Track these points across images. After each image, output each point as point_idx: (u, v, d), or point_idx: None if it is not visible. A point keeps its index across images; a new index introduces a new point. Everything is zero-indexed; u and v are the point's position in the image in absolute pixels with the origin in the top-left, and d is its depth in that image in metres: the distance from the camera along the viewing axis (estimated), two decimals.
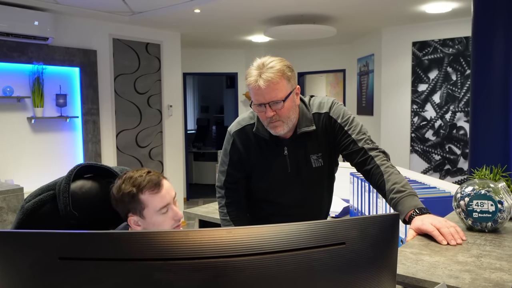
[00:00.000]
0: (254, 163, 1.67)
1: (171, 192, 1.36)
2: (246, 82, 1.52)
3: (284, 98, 1.49)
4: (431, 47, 5.23)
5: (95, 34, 4.81)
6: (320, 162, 1.64)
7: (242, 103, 7.45)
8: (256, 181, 1.71)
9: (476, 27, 3.33)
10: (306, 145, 1.62)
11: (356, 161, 1.56)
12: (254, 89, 1.49)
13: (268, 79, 1.45)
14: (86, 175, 1.45)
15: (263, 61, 1.51)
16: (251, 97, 1.54)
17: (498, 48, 3.24)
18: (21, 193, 3.52)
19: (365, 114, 6.19)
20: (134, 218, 1.33)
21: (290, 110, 1.53)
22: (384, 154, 1.56)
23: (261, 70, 1.48)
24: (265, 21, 5.05)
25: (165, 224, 1.33)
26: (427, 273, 0.98)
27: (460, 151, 5.14)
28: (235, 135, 1.67)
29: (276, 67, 1.48)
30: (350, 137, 1.57)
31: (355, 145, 1.56)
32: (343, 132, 1.59)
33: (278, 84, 1.47)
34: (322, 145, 1.63)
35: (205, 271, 0.57)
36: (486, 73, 3.29)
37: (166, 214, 1.33)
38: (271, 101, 1.48)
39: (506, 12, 3.21)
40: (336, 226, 0.64)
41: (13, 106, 4.18)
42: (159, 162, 5.57)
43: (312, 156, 1.63)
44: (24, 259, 0.58)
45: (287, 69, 1.50)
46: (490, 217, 1.24)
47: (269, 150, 1.64)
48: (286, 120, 1.53)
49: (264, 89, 1.46)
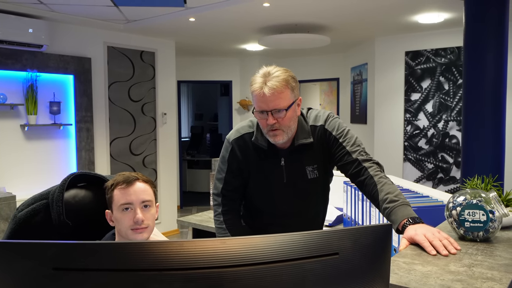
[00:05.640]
0: (251, 171, 1.68)
1: (140, 195, 1.36)
2: (251, 89, 1.54)
3: (286, 108, 1.51)
4: (423, 56, 5.28)
5: (89, 41, 4.81)
6: (316, 173, 1.66)
7: (236, 111, 7.47)
8: (253, 190, 1.72)
9: (468, 37, 3.37)
10: (303, 157, 1.64)
11: (350, 172, 1.58)
12: (258, 96, 1.51)
13: (273, 87, 1.48)
14: (79, 184, 1.44)
15: (268, 70, 1.53)
16: (254, 103, 1.55)
17: (489, 58, 3.28)
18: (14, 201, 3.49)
19: (359, 122, 6.22)
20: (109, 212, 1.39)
21: (291, 120, 1.55)
22: (378, 165, 1.57)
23: (266, 78, 1.50)
24: (259, 30, 5.09)
25: (123, 221, 1.35)
26: (420, 283, 0.99)
27: (453, 159, 5.18)
28: (234, 143, 1.68)
29: (281, 77, 1.50)
30: (345, 149, 1.59)
31: (349, 156, 1.58)
32: (337, 144, 1.61)
33: (282, 93, 1.49)
34: (318, 157, 1.65)
35: (199, 281, 0.58)
36: (477, 83, 3.33)
37: (126, 212, 1.35)
38: (274, 109, 1.50)
39: (497, 22, 3.26)
40: (330, 237, 0.64)
41: (6, 114, 4.15)
42: (153, 170, 5.55)
43: (308, 168, 1.65)
44: (18, 269, 0.58)
45: (291, 79, 1.53)
46: (482, 226, 1.25)
47: (267, 160, 1.65)
48: (287, 129, 1.55)
49: (269, 96, 1.48)
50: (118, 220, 1.35)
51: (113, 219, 1.38)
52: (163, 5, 4.06)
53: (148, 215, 1.37)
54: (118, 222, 1.36)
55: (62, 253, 0.57)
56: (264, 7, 4.04)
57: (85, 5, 4.00)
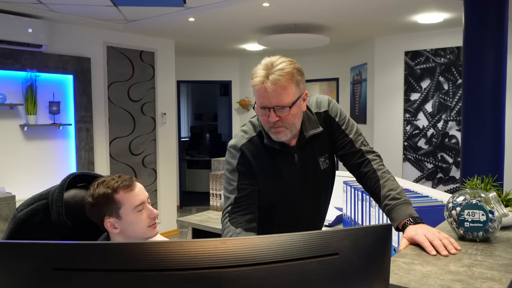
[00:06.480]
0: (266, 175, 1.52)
1: (145, 193, 1.38)
2: (252, 82, 1.39)
3: (291, 104, 1.37)
4: (423, 56, 5.29)
5: (89, 41, 4.81)
6: (327, 163, 1.58)
7: (236, 111, 7.47)
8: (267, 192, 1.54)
9: (467, 37, 3.37)
10: (314, 148, 1.55)
11: (353, 162, 1.52)
12: (259, 91, 1.37)
13: (276, 82, 1.33)
14: (79, 184, 1.44)
15: (272, 61, 1.38)
16: (255, 98, 1.41)
17: (489, 58, 3.28)
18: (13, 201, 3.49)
19: (358, 122, 6.22)
20: (111, 220, 1.33)
21: (296, 117, 1.42)
22: (380, 158, 1.54)
23: (269, 71, 1.35)
24: (259, 30, 5.09)
25: (141, 222, 1.34)
26: (419, 283, 0.99)
27: (452, 159, 5.18)
28: (243, 148, 1.50)
29: (285, 69, 1.35)
30: (348, 137, 1.52)
31: (353, 145, 1.52)
32: (340, 131, 1.54)
33: (286, 88, 1.35)
34: (326, 146, 1.57)
35: (199, 282, 0.58)
36: (477, 83, 3.32)
37: (142, 212, 1.34)
38: (276, 105, 1.36)
39: (496, 22, 3.26)
40: (329, 237, 0.64)
41: (5, 114, 4.15)
42: (152, 170, 5.55)
43: (320, 159, 1.56)
44: (18, 269, 0.58)
45: (297, 72, 1.38)
46: (481, 226, 1.25)
47: (281, 159, 1.52)
48: (290, 126, 1.43)
49: (271, 92, 1.34)
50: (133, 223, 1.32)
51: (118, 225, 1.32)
52: (162, 5, 4.06)
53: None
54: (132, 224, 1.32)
55: (62, 253, 0.57)
56: (263, 7, 4.04)
57: (84, 5, 4.00)
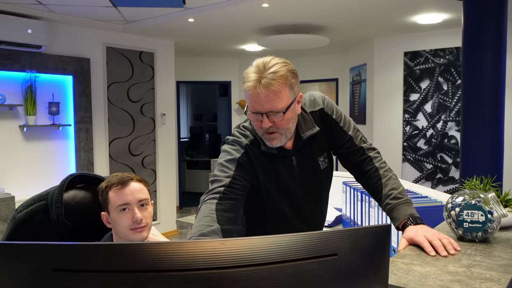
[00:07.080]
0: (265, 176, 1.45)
1: (136, 195, 1.37)
2: (243, 86, 1.32)
3: (284, 109, 1.30)
4: (422, 57, 5.29)
5: (88, 42, 4.81)
6: (326, 162, 1.54)
7: (235, 111, 7.47)
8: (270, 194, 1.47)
9: (467, 38, 3.37)
10: (312, 148, 1.50)
11: (354, 160, 1.49)
12: (251, 96, 1.29)
13: (269, 86, 1.26)
14: (78, 185, 1.44)
15: (264, 62, 1.30)
16: (247, 103, 1.33)
17: (488, 58, 3.29)
18: (12, 202, 3.49)
19: (358, 123, 6.23)
20: (105, 214, 1.39)
21: (290, 121, 1.36)
22: (380, 154, 1.53)
23: (261, 74, 1.27)
24: (258, 31, 5.09)
25: (123, 222, 1.35)
26: (418, 283, 0.99)
27: (452, 160, 5.18)
28: (248, 148, 1.42)
29: (279, 72, 1.27)
30: (347, 134, 1.49)
31: (353, 143, 1.49)
32: (338, 128, 1.50)
33: (279, 93, 1.28)
34: (324, 144, 1.52)
35: (199, 282, 0.58)
36: (476, 83, 3.33)
37: (125, 213, 1.35)
38: (270, 111, 1.29)
39: (495, 23, 3.26)
40: (328, 238, 0.64)
41: (5, 114, 4.15)
42: (152, 170, 5.55)
43: (319, 159, 1.52)
44: (17, 270, 0.58)
45: (291, 75, 1.31)
46: (481, 227, 1.25)
47: (279, 163, 1.46)
48: (285, 131, 1.36)
49: (263, 97, 1.27)
50: (116, 221, 1.35)
51: (109, 220, 1.38)
52: (162, 5, 4.06)
53: (146, 214, 1.38)
54: (116, 223, 1.35)
55: (61, 254, 0.57)
56: (263, 8, 4.04)
57: (84, 5, 4.00)
